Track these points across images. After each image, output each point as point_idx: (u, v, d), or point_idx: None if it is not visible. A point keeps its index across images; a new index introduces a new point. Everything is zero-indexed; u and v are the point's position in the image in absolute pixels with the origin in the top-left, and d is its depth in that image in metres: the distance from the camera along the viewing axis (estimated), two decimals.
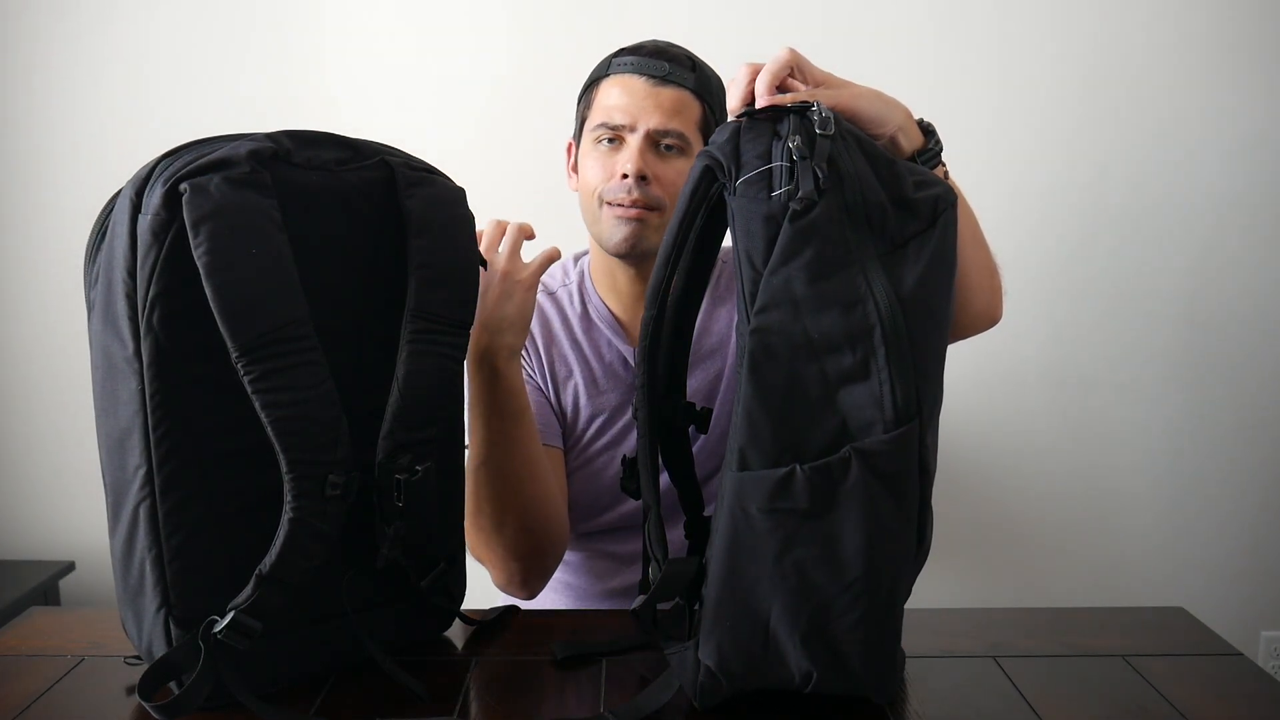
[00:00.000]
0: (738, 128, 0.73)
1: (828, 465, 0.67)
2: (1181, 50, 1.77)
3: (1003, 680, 0.83)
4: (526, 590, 1.07)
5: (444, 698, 0.79)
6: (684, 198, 0.74)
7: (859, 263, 0.68)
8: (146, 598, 0.74)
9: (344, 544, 0.76)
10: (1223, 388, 1.86)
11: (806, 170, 0.67)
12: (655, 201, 1.07)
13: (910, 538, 0.72)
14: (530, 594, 1.08)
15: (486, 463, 1.01)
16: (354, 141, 0.81)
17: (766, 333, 0.67)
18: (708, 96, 1.10)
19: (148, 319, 0.70)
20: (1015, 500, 1.90)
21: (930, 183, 0.74)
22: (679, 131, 1.07)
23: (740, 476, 0.69)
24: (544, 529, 1.05)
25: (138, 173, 0.72)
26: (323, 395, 0.73)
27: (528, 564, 1.05)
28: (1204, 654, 0.89)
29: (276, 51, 1.75)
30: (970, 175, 0.92)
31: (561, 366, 1.16)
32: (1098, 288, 1.84)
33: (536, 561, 1.06)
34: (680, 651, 0.75)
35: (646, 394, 0.77)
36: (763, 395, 0.68)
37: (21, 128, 1.77)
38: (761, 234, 0.68)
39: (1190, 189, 1.81)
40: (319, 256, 0.76)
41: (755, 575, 0.70)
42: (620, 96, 1.08)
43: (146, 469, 0.72)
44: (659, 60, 1.08)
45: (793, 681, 0.73)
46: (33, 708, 0.77)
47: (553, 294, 1.20)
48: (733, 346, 1.15)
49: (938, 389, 0.73)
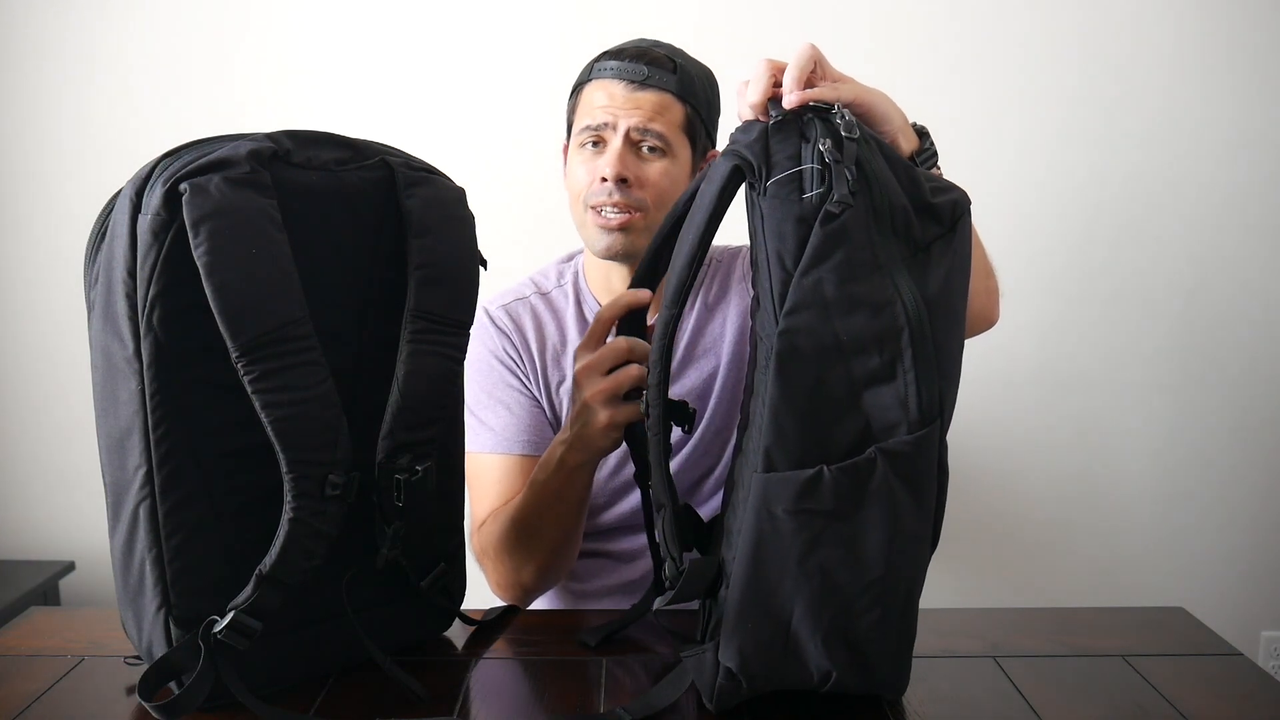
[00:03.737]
0: (765, 128, 0.72)
1: (855, 466, 0.68)
2: (1178, 49, 1.77)
3: (1003, 680, 0.83)
4: (522, 604, 1.09)
5: (444, 698, 0.79)
6: (712, 197, 0.73)
7: (887, 266, 0.69)
8: (146, 598, 0.74)
9: (344, 544, 0.76)
10: (1222, 387, 1.87)
11: (841, 174, 0.67)
12: (637, 204, 1.08)
13: (927, 536, 0.73)
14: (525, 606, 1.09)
15: (526, 521, 1.03)
16: (354, 141, 0.81)
17: (795, 334, 0.68)
18: (690, 97, 1.10)
19: (148, 319, 0.70)
20: (1015, 500, 1.90)
21: (945, 187, 0.75)
22: (659, 132, 1.07)
23: (766, 478, 0.69)
24: (559, 572, 1.08)
25: (138, 173, 0.72)
26: (323, 395, 0.73)
27: (534, 593, 1.10)
28: (1204, 654, 0.89)
29: (276, 51, 1.75)
30: (967, 176, 0.92)
31: (555, 371, 1.16)
32: (1096, 288, 1.84)
33: (542, 589, 1.10)
34: (698, 654, 0.75)
35: (660, 392, 0.77)
36: (789, 396, 0.68)
37: (21, 128, 1.77)
38: (793, 235, 0.68)
39: (1188, 188, 1.81)
40: (319, 256, 0.76)
41: (779, 577, 0.70)
42: (601, 100, 1.09)
43: (146, 469, 0.72)
44: (638, 64, 1.08)
45: (811, 681, 0.73)
46: (33, 708, 0.77)
47: (546, 294, 1.20)
48: (727, 346, 1.15)
49: (956, 389, 0.73)
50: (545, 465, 1.00)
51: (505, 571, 1.07)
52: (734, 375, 1.14)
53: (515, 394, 1.15)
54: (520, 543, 1.04)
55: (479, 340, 1.17)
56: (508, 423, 1.14)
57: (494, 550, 1.06)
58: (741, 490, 0.73)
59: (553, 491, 0.99)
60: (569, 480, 0.98)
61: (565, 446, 0.95)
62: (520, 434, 1.13)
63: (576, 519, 1.03)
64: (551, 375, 1.16)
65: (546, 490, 1.00)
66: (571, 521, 1.03)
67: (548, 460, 0.99)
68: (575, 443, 0.94)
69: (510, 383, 1.16)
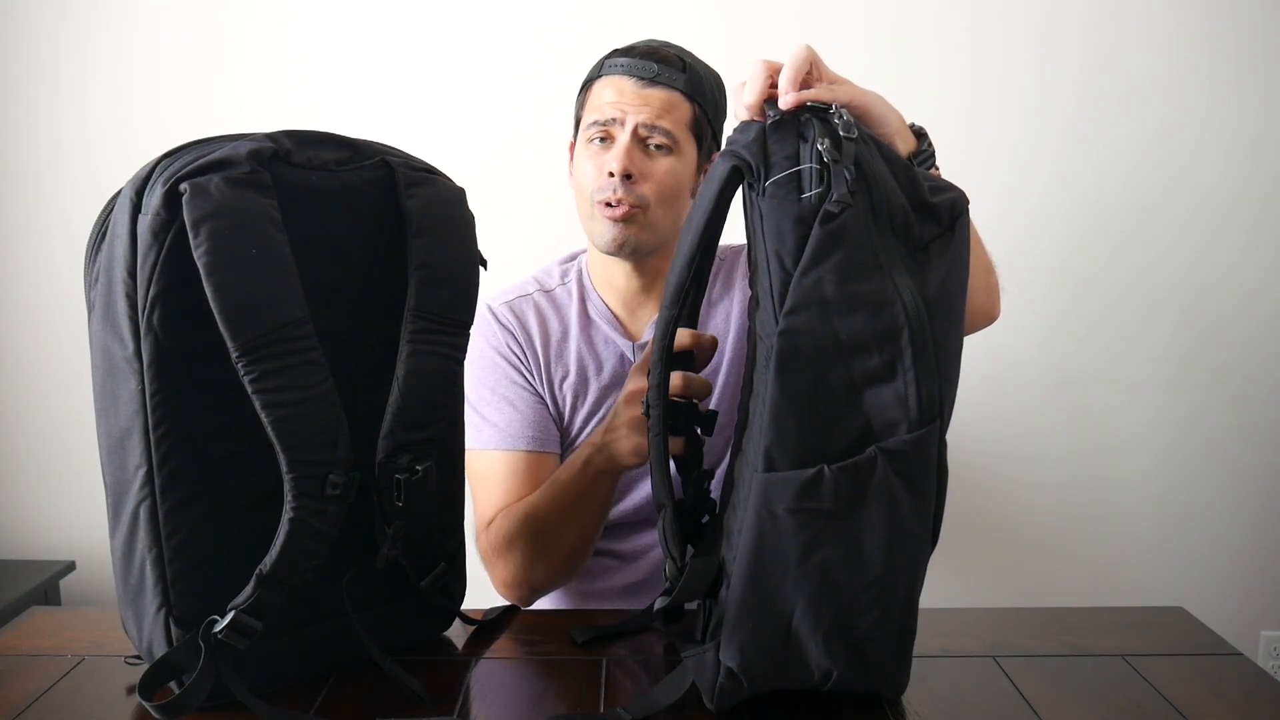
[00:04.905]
0: (763, 128, 0.72)
1: (855, 465, 0.68)
2: (1181, 49, 1.77)
3: (1003, 680, 0.83)
4: (525, 603, 1.08)
5: (444, 698, 0.79)
6: (710, 198, 0.73)
7: (886, 265, 0.69)
8: (146, 598, 0.74)
9: (344, 544, 0.76)
10: (1222, 387, 1.86)
11: (839, 174, 0.68)
12: (641, 200, 1.08)
13: (927, 535, 0.73)
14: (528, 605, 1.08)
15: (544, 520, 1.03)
16: (354, 141, 0.81)
17: (795, 334, 0.68)
18: (699, 97, 1.10)
19: (148, 319, 0.70)
20: (1015, 500, 1.90)
21: (943, 187, 0.75)
22: (667, 129, 1.08)
23: (767, 478, 0.69)
24: (571, 575, 1.08)
25: (138, 173, 0.72)
26: (323, 395, 0.73)
27: (540, 593, 1.09)
28: (1204, 654, 0.89)
29: (276, 51, 1.75)
30: (968, 174, 0.92)
31: (559, 368, 1.16)
32: (1097, 287, 1.84)
33: (549, 590, 1.10)
34: (699, 654, 0.75)
35: (661, 393, 0.77)
36: (790, 396, 0.68)
37: (22, 128, 1.77)
38: (792, 235, 0.68)
39: (1190, 187, 1.81)
40: (319, 256, 0.76)
41: (780, 576, 0.70)
42: (610, 96, 1.09)
43: (146, 469, 0.72)
44: (649, 61, 1.09)
45: (812, 680, 0.74)
46: (33, 708, 0.77)
47: (550, 292, 1.20)
48: (729, 344, 1.15)
49: (955, 389, 0.74)
50: (570, 466, 1.01)
51: (515, 569, 1.05)
52: (736, 373, 1.14)
53: (520, 390, 1.15)
54: (535, 541, 1.03)
55: (482, 336, 1.17)
56: (512, 419, 1.14)
57: (505, 547, 1.06)
58: (741, 490, 0.73)
59: (575, 493, 1.00)
60: (592, 484, 0.99)
61: (593, 449, 0.98)
62: (526, 430, 1.13)
63: (596, 524, 1.04)
64: (555, 371, 1.16)
65: (569, 491, 1.00)
66: (591, 526, 1.03)
67: (573, 461, 1.01)
68: (604, 449, 0.97)
69: (514, 379, 1.16)
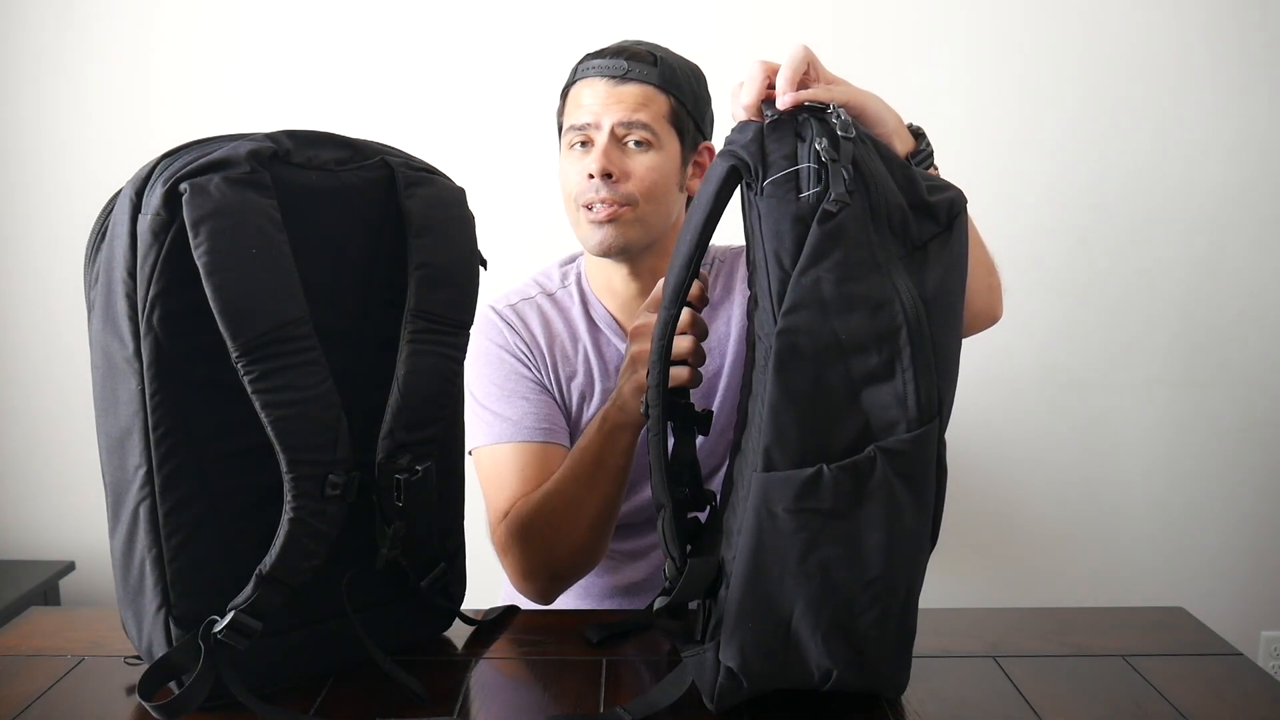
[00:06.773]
0: (761, 128, 0.72)
1: (854, 464, 0.68)
2: (1182, 49, 1.77)
3: (1003, 680, 0.83)
4: (546, 598, 1.07)
5: (444, 698, 0.79)
6: (709, 198, 0.73)
7: (885, 264, 0.69)
8: (146, 598, 0.74)
9: (344, 544, 0.76)
10: (1222, 387, 1.86)
11: (837, 173, 0.68)
12: (626, 198, 1.08)
13: (926, 534, 0.73)
14: (546, 603, 1.07)
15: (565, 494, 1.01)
16: (354, 141, 0.81)
17: (794, 333, 0.68)
18: (674, 89, 1.10)
19: (148, 319, 0.70)
20: (1015, 500, 1.90)
21: (941, 186, 0.75)
22: (644, 124, 1.07)
23: (766, 477, 0.69)
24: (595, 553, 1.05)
25: (138, 173, 0.72)
26: (322, 395, 0.73)
27: (563, 581, 1.06)
28: (1204, 654, 0.89)
29: (276, 51, 1.75)
30: (971, 175, 0.92)
31: (565, 366, 1.16)
32: (1098, 288, 1.84)
33: (572, 577, 1.07)
34: (699, 654, 0.75)
35: (660, 393, 0.77)
36: (789, 396, 0.68)
37: (22, 127, 1.77)
38: (791, 235, 0.68)
39: (1192, 188, 1.81)
40: (319, 256, 0.76)
41: (779, 575, 0.70)
42: (585, 99, 1.09)
43: (146, 469, 0.72)
44: (619, 60, 1.09)
45: (811, 680, 0.73)
46: (33, 708, 0.77)
47: (551, 295, 1.20)
48: (731, 346, 1.15)
49: (954, 388, 0.74)
50: (587, 431, 1.00)
51: (536, 554, 1.03)
52: (738, 374, 1.14)
53: (529, 383, 1.15)
54: (556, 520, 1.01)
55: (487, 338, 1.16)
56: (525, 411, 1.12)
57: (524, 534, 1.03)
58: (741, 490, 0.73)
59: (593, 456, 0.99)
60: (609, 442, 0.98)
61: (609, 403, 0.98)
62: (540, 421, 1.12)
63: (616, 490, 1.01)
64: (562, 371, 1.16)
65: (586, 455, 1.00)
66: (612, 491, 1.01)
67: (590, 425, 1.01)
68: (616, 399, 0.97)
69: (524, 374, 1.15)
